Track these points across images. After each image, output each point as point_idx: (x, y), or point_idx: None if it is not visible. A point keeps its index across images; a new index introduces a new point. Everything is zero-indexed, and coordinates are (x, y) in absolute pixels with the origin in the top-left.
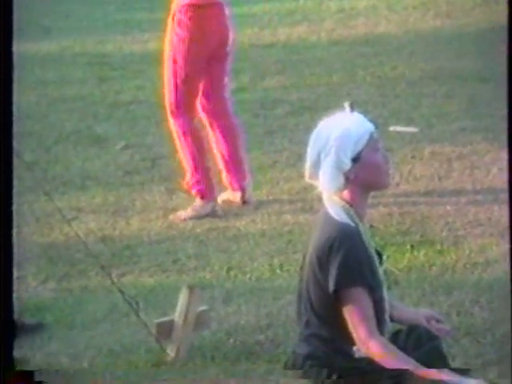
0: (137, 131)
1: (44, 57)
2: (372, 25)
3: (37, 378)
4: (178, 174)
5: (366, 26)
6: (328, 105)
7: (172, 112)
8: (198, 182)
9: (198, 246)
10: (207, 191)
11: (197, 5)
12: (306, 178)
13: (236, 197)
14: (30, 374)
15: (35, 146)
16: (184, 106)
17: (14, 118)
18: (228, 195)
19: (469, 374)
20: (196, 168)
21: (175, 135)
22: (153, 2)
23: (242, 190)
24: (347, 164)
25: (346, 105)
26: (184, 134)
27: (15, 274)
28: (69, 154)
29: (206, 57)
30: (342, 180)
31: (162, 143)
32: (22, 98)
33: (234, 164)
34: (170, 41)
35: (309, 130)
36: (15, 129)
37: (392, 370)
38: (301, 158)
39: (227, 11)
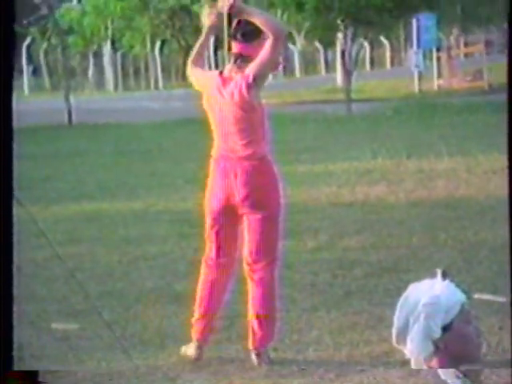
0: None
1: (128, 214)
2: (452, 187)
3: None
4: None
5: (446, 189)
6: (408, 267)
7: (205, 261)
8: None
9: None
10: (203, 334)
11: (224, 156)
12: (394, 343)
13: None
14: (30, 374)
15: (115, 305)
16: (214, 257)
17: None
18: None
19: None
20: (205, 313)
21: (202, 280)
22: None
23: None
24: (437, 332)
25: (438, 272)
26: (212, 281)
27: None
28: (148, 313)
29: (237, 208)
30: (431, 348)
31: (240, 301)
32: (106, 257)
33: (266, 319)
34: (209, 184)
35: (388, 292)
36: (98, 289)
37: None
38: (381, 320)
39: (266, 164)
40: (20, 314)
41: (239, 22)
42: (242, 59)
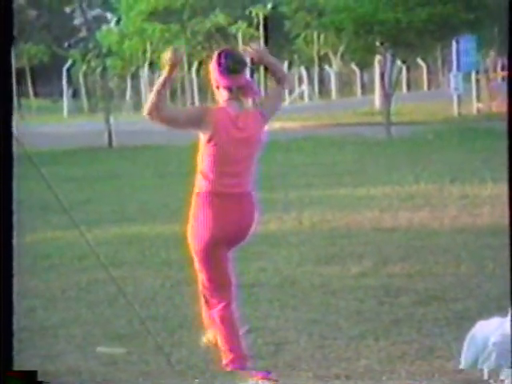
0: (259, 314)
1: (169, 237)
2: (498, 215)
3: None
4: (302, 359)
5: (492, 216)
6: (456, 296)
7: (205, 296)
8: (233, 360)
9: None
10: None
11: (220, 193)
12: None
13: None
14: (30, 374)
15: (160, 330)
16: (215, 291)
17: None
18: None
19: None
20: (231, 349)
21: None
22: (272, 182)
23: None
24: (509, 374)
25: (510, 310)
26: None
27: None
28: (192, 338)
29: (227, 242)
30: None
31: (286, 327)
32: (148, 280)
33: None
34: (195, 219)
35: (437, 321)
36: (141, 313)
37: None
38: (431, 351)
39: (254, 199)
40: (68, 338)
41: (226, 56)
42: (236, 91)
